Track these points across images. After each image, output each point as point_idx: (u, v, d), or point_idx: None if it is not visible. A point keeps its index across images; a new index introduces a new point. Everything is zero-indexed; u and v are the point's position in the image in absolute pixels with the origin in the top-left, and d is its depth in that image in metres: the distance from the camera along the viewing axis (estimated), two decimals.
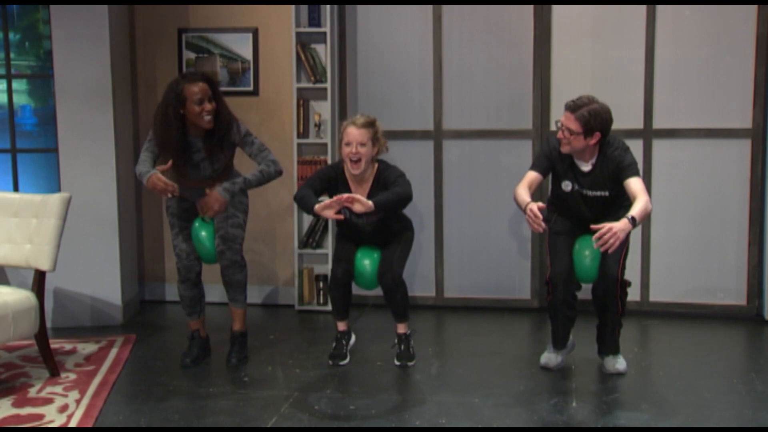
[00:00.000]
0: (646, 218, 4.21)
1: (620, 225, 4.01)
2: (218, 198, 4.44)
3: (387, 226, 4.63)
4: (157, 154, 4.54)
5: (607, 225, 4.01)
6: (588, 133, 4.22)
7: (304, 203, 4.49)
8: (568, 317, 4.50)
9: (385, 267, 4.55)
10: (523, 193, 4.32)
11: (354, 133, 4.46)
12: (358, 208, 4.26)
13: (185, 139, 4.50)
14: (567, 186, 4.42)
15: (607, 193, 4.37)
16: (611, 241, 3.98)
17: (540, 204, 4.18)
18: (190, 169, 4.54)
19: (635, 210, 4.10)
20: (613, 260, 4.31)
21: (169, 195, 4.43)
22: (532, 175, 4.43)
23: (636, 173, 4.27)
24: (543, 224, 4.17)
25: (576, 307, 4.50)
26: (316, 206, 4.36)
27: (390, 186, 4.51)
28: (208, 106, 4.45)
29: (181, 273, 4.67)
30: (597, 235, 4.02)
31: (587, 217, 4.43)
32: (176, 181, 4.52)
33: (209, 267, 4.86)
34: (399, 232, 4.68)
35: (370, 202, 4.27)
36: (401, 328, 4.74)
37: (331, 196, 4.65)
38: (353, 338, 4.86)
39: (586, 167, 4.36)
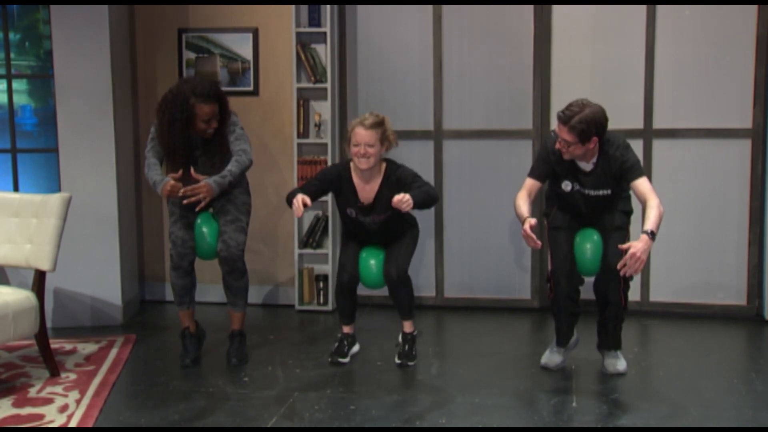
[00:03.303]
0: (660, 221, 4.12)
1: (642, 246, 3.95)
2: (209, 189, 4.37)
3: (393, 225, 4.61)
4: (162, 155, 4.58)
5: (630, 251, 3.95)
6: (584, 140, 4.16)
7: (290, 195, 4.42)
8: (572, 313, 4.48)
9: (390, 263, 4.54)
10: (523, 205, 4.28)
11: (362, 134, 4.44)
12: (405, 207, 4.24)
13: (189, 142, 4.54)
14: (567, 186, 4.40)
15: (609, 192, 4.35)
16: (636, 265, 3.95)
17: (532, 222, 4.13)
18: (189, 166, 4.54)
19: (651, 222, 4.03)
20: (614, 252, 4.29)
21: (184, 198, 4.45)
22: (530, 183, 4.40)
23: (641, 173, 4.23)
24: (539, 242, 4.14)
25: (579, 303, 4.48)
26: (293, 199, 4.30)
27: (409, 185, 4.46)
28: (214, 123, 4.50)
29: (174, 260, 4.66)
30: (621, 264, 3.98)
31: (586, 214, 4.43)
32: (181, 178, 4.55)
33: (210, 266, 4.86)
34: (404, 230, 4.67)
35: (409, 198, 4.23)
36: (407, 327, 4.74)
37: (336, 197, 4.64)
38: (357, 346, 4.85)
39: (587, 167, 4.34)
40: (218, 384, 4.43)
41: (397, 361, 4.69)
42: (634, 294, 5.34)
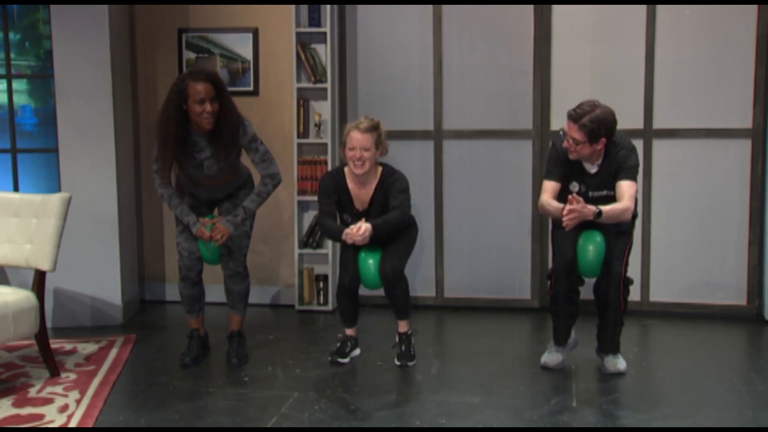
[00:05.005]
0: (616, 220, 4.22)
1: (586, 210, 4.08)
2: (223, 231, 4.51)
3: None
4: (171, 162, 4.51)
5: (579, 204, 4.07)
6: (593, 140, 4.19)
7: (332, 234, 4.55)
8: (570, 313, 4.49)
9: (386, 260, 4.54)
10: (553, 202, 4.32)
11: (358, 138, 4.44)
12: (358, 240, 4.31)
13: (186, 137, 4.46)
14: (575, 187, 4.40)
15: (612, 193, 4.35)
16: (570, 215, 4.07)
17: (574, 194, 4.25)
18: (193, 168, 4.53)
19: (609, 207, 4.14)
20: (616, 257, 4.31)
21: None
22: (551, 185, 4.40)
23: (631, 177, 4.26)
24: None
25: (578, 303, 4.50)
26: (343, 235, 4.40)
27: (390, 199, 4.49)
28: (209, 107, 4.37)
29: (182, 271, 4.67)
30: (567, 206, 4.10)
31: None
32: (184, 179, 4.56)
33: (211, 266, 4.86)
34: (401, 230, 4.66)
35: (367, 228, 4.31)
36: (402, 327, 4.73)
37: (337, 204, 4.63)
38: (358, 350, 4.84)
39: (593, 169, 4.35)
40: (218, 384, 4.44)
41: (397, 362, 4.69)
42: (634, 294, 5.34)
